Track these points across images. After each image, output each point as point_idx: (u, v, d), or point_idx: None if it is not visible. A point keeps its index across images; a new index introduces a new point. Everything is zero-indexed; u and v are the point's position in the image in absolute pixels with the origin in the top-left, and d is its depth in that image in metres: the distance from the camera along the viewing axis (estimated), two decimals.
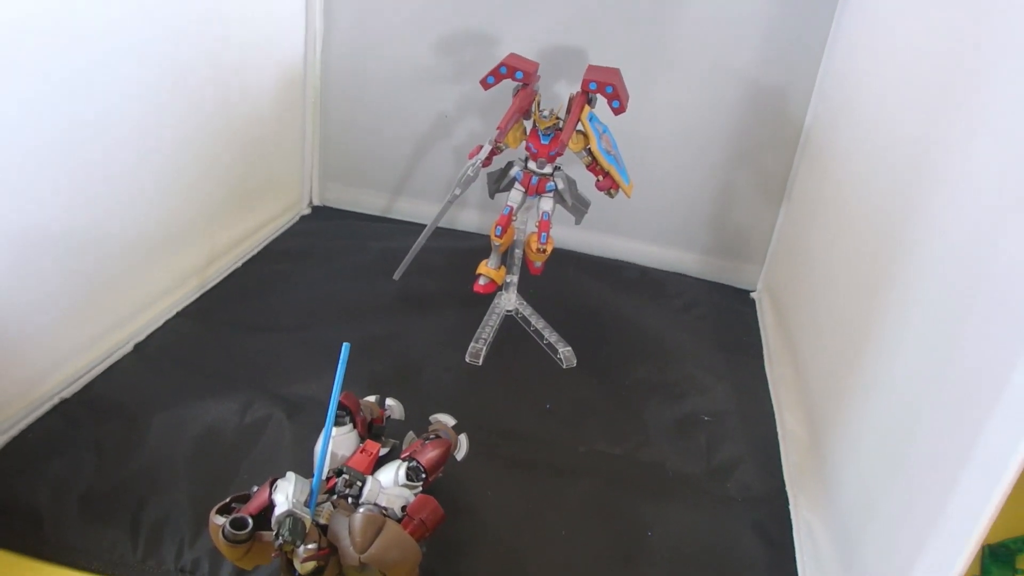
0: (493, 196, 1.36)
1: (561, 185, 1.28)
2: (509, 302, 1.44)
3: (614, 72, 1.23)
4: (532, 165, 1.27)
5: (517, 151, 1.29)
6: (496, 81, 1.23)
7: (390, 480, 0.88)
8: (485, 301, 1.43)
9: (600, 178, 1.28)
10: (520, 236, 1.36)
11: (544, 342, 1.40)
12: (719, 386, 1.37)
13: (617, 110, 1.22)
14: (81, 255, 1.13)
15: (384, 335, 1.37)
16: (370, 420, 0.98)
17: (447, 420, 1.02)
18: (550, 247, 1.31)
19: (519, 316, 1.44)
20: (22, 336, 1.05)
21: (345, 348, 0.80)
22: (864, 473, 0.94)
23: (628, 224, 1.75)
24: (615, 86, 1.20)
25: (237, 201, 1.55)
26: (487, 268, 1.36)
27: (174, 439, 1.06)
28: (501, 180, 1.32)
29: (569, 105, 1.24)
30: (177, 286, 1.38)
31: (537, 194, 1.29)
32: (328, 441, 0.81)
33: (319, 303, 1.45)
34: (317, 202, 1.89)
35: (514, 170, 1.30)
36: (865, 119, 1.23)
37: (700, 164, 1.67)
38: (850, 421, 1.03)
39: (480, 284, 1.36)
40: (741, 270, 1.75)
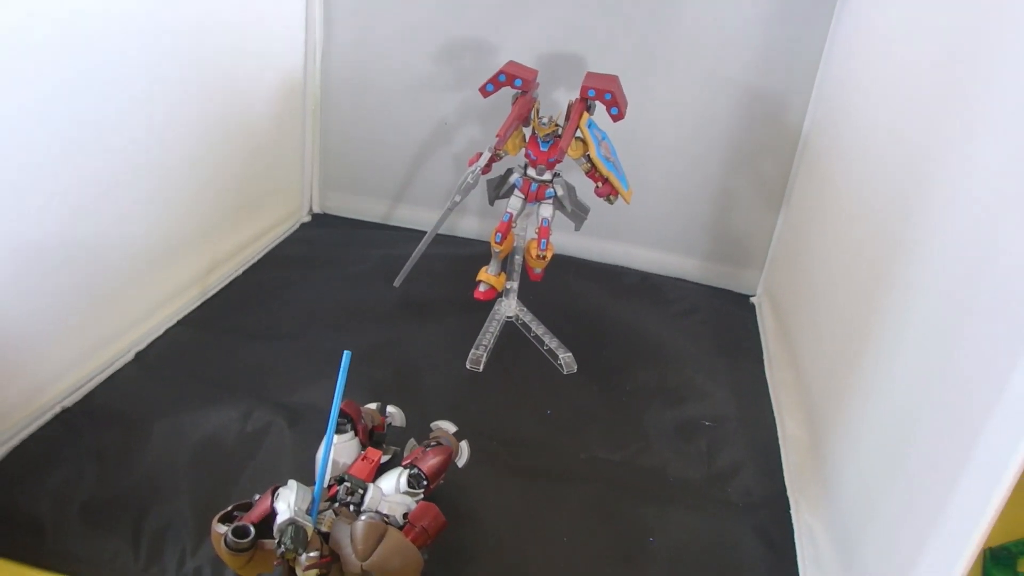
0: (493, 203, 1.36)
1: (560, 192, 1.29)
2: (509, 308, 1.45)
3: (612, 79, 1.24)
4: (531, 172, 1.28)
5: (516, 158, 1.30)
6: (495, 89, 1.24)
7: (392, 487, 0.88)
8: (485, 307, 1.43)
9: (599, 184, 1.28)
10: (520, 242, 1.36)
11: (544, 348, 1.40)
12: (719, 391, 1.37)
13: (616, 117, 1.23)
14: (82, 264, 1.13)
15: (385, 342, 1.38)
16: (371, 427, 0.98)
17: (448, 427, 1.03)
18: (550, 253, 1.31)
19: (519, 322, 1.45)
20: (23, 345, 1.05)
21: (346, 356, 0.80)
22: (865, 476, 0.94)
23: (628, 230, 1.75)
24: (614, 93, 1.20)
25: (238, 209, 1.55)
26: (487, 275, 1.36)
27: (175, 447, 1.07)
28: (501, 187, 1.33)
29: (568, 112, 1.24)
30: (178, 294, 1.39)
31: (537, 201, 1.30)
32: (330, 449, 0.81)
33: (320, 310, 1.45)
34: (317, 209, 1.90)
35: (514, 177, 1.30)
36: (863, 124, 1.24)
37: (699, 170, 1.67)
38: (850, 424, 1.03)
39: (480, 290, 1.36)
40: (741, 275, 1.75)
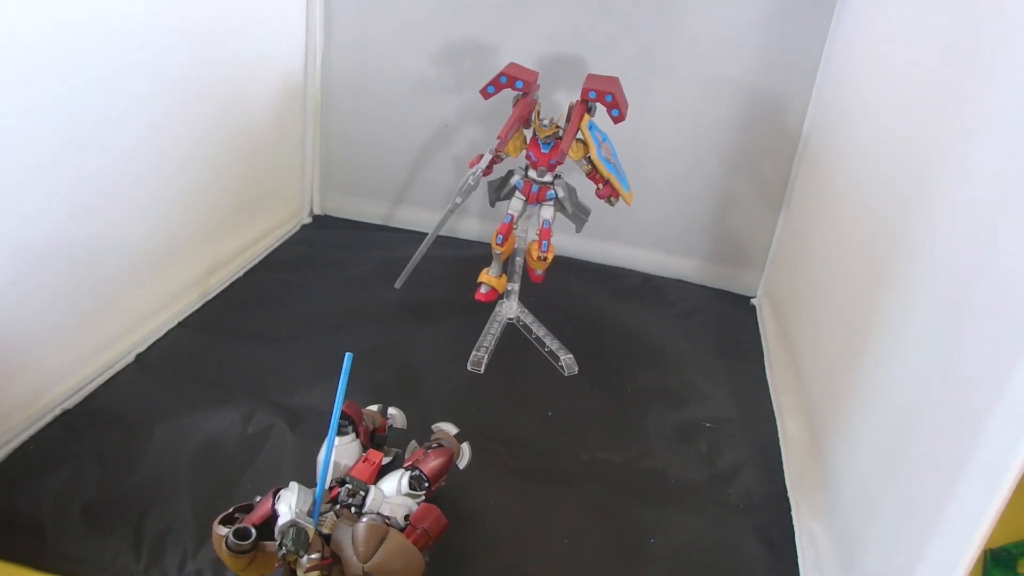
0: (494, 205, 1.36)
1: (561, 193, 1.29)
2: (510, 310, 1.45)
3: (613, 81, 1.24)
4: (532, 174, 1.28)
5: (517, 160, 1.30)
6: (496, 91, 1.24)
7: (393, 489, 0.88)
8: (486, 309, 1.43)
9: (600, 186, 1.28)
10: (521, 244, 1.37)
11: (545, 350, 1.40)
12: (720, 393, 1.37)
13: (616, 119, 1.23)
14: (82, 266, 1.13)
15: (386, 344, 1.38)
16: (372, 429, 0.98)
17: (449, 429, 1.03)
18: (551, 255, 1.31)
19: (520, 324, 1.45)
20: (24, 347, 1.05)
21: (348, 358, 0.80)
22: (865, 478, 0.94)
23: (628, 232, 1.75)
24: (614, 95, 1.20)
25: (238, 211, 1.55)
26: (488, 276, 1.36)
27: (176, 449, 1.07)
28: (502, 189, 1.33)
29: (569, 114, 1.24)
30: (179, 296, 1.39)
31: (538, 202, 1.30)
32: (331, 451, 0.81)
33: (321, 312, 1.45)
34: (318, 211, 1.90)
35: (514, 179, 1.31)
36: (863, 126, 1.24)
37: (699, 172, 1.67)
38: (851, 426, 1.03)
39: (481, 292, 1.36)
40: (741, 277, 1.75)
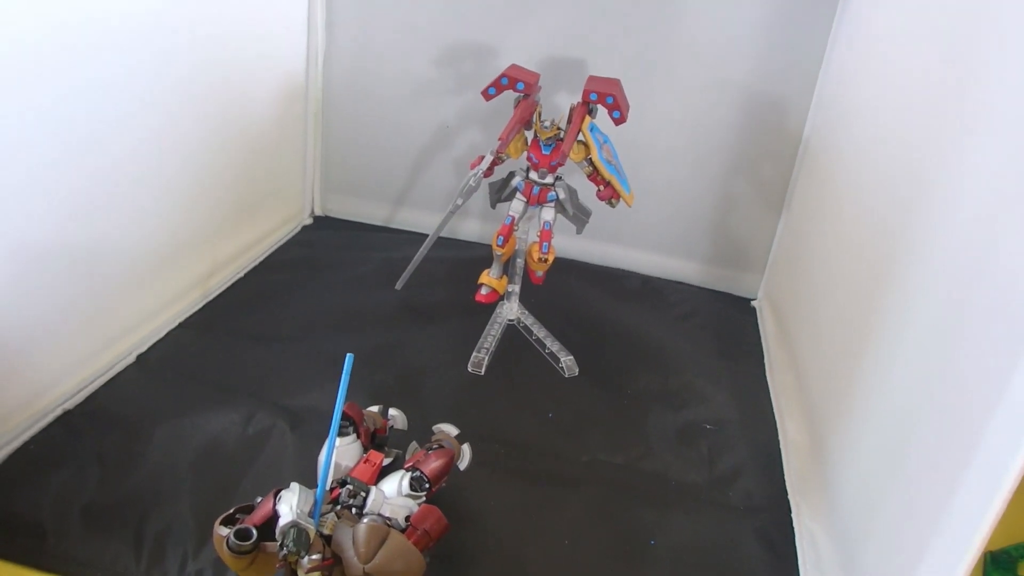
0: (495, 206, 1.37)
1: (562, 195, 1.29)
2: (511, 311, 1.45)
3: (614, 82, 1.24)
4: (533, 175, 1.28)
5: (518, 161, 1.30)
6: (497, 92, 1.24)
7: (394, 490, 0.88)
8: (487, 311, 1.43)
9: (601, 188, 1.28)
10: (522, 246, 1.37)
11: (546, 351, 1.40)
12: (720, 394, 1.37)
13: (618, 120, 1.23)
14: (83, 267, 1.13)
15: (386, 345, 1.38)
16: (373, 430, 0.98)
17: (450, 430, 1.03)
18: (551, 256, 1.31)
19: (521, 325, 1.45)
20: (24, 348, 1.06)
21: (349, 359, 0.80)
22: (866, 479, 0.94)
23: (629, 233, 1.75)
24: (615, 96, 1.20)
25: (239, 212, 1.55)
26: (489, 278, 1.36)
27: (177, 450, 1.07)
28: (502, 190, 1.33)
29: (570, 115, 1.24)
30: (179, 297, 1.39)
31: (538, 204, 1.30)
32: (332, 452, 0.81)
33: (321, 313, 1.45)
34: (319, 212, 1.90)
35: (515, 180, 1.31)
36: (863, 128, 1.24)
37: (700, 174, 1.67)
38: (851, 428, 1.03)
39: (482, 294, 1.36)
40: (742, 279, 1.75)
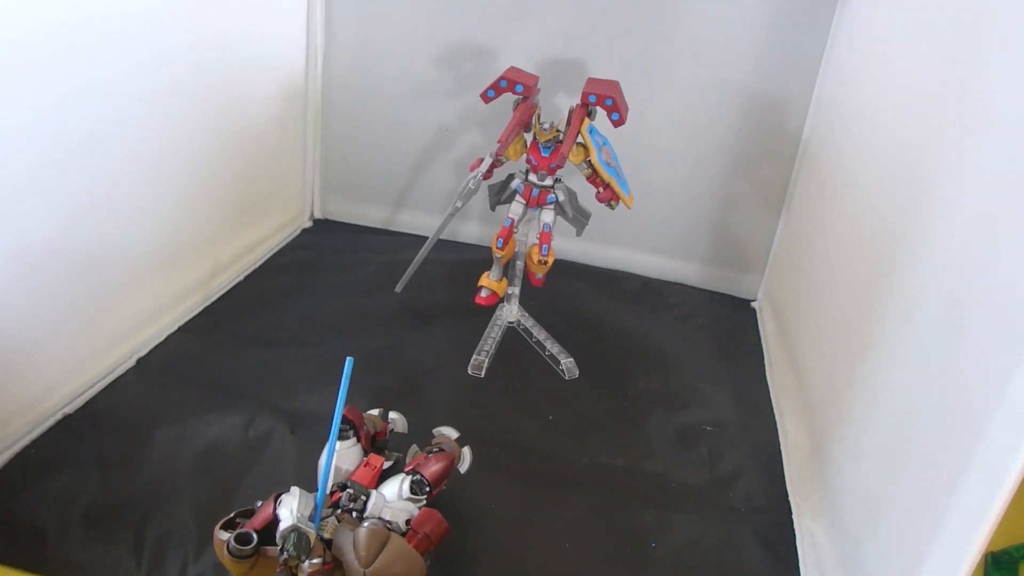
0: (494, 208, 1.36)
1: (562, 197, 1.29)
2: (511, 314, 1.45)
3: (613, 84, 1.24)
4: (533, 177, 1.28)
5: (518, 164, 1.30)
6: (496, 94, 1.24)
7: (394, 494, 0.88)
8: (487, 313, 1.43)
9: (600, 190, 1.28)
10: (521, 248, 1.37)
11: (546, 353, 1.40)
12: (721, 396, 1.37)
13: (617, 122, 1.23)
14: (83, 270, 1.13)
15: (386, 348, 1.38)
16: (373, 434, 0.98)
17: (450, 433, 1.03)
18: (551, 259, 1.31)
19: (521, 328, 1.45)
20: (25, 351, 1.06)
21: (349, 362, 0.80)
22: (866, 480, 0.94)
23: (629, 235, 1.75)
24: (615, 98, 1.20)
25: (239, 215, 1.55)
26: (489, 280, 1.36)
27: (177, 454, 1.07)
28: (502, 192, 1.33)
29: (569, 118, 1.24)
30: (179, 300, 1.39)
31: (538, 206, 1.30)
32: (332, 455, 0.81)
33: (321, 316, 1.45)
34: (319, 215, 1.90)
35: (515, 182, 1.31)
36: (863, 129, 1.24)
37: (700, 175, 1.67)
38: (852, 429, 1.03)
39: (482, 296, 1.36)
40: (741, 280, 1.75)
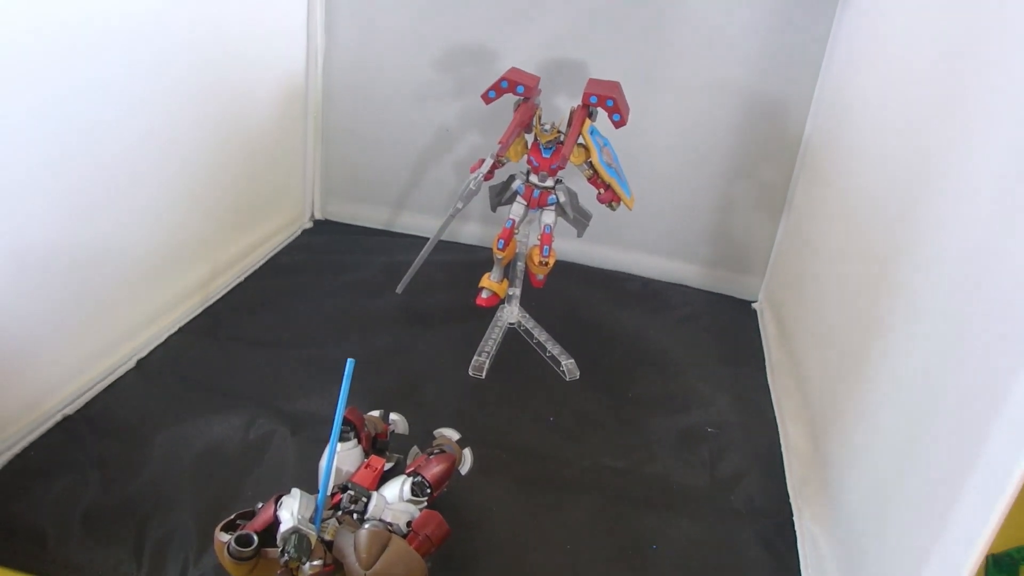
0: (495, 209, 1.36)
1: (563, 198, 1.29)
2: (512, 315, 1.45)
3: (615, 85, 1.24)
4: (534, 178, 1.28)
5: (519, 165, 1.30)
6: (497, 95, 1.24)
7: (395, 495, 0.88)
8: (488, 314, 1.43)
9: (601, 191, 1.28)
10: (522, 249, 1.36)
11: (547, 355, 1.40)
12: (722, 398, 1.36)
13: (618, 123, 1.23)
14: (83, 271, 1.13)
15: (387, 349, 1.37)
16: (374, 435, 0.98)
17: (451, 434, 1.03)
18: (552, 260, 1.31)
19: (522, 329, 1.44)
20: (24, 353, 1.05)
21: (350, 364, 0.80)
22: (868, 484, 0.94)
23: (629, 236, 1.75)
24: (616, 99, 1.20)
25: (239, 216, 1.55)
26: (489, 281, 1.36)
27: (177, 456, 1.06)
28: (503, 193, 1.33)
29: (570, 119, 1.24)
30: (179, 302, 1.38)
31: (539, 207, 1.30)
32: (333, 457, 0.81)
33: (322, 317, 1.45)
34: (319, 216, 1.90)
35: (516, 184, 1.30)
36: (864, 130, 1.24)
37: (701, 176, 1.67)
38: (853, 432, 1.03)
39: (483, 297, 1.36)
40: (742, 281, 1.75)
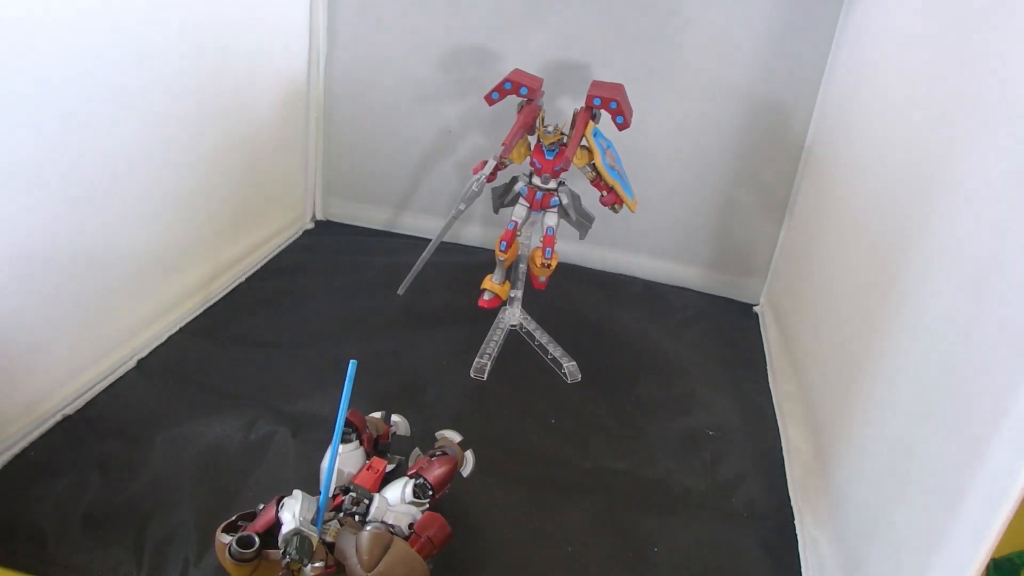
0: (497, 211, 1.36)
1: (565, 200, 1.29)
2: (513, 317, 1.44)
3: (618, 87, 1.24)
4: (536, 180, 1.28)
5: (521, 166, 1.30)
6: (500, 97, 1.24)
7: (397, 497, 0.87)
8: (489, 316, 1.43)
9: (604, 193, 1.28)
10: (524, 251, 1.36)
11: (548, 357, 1.40)
12: (723, 401, 1.36)
13: (621, 125, 1.23)
14: (84, 271, 1.13)
15: (388, 350, 1.37)
16: (376, 437, 0.98)
17: (453, 436, 1.02)
18: (554, 262, 1.31)
19: (523, 331, 1.44)
20: (25, 352, 1.05)
21: (352, 365, 0.80)
22: (870, 488, 0.94)
23: (632, 239, 1.75)
24: (619, 101, 1.20)
25: (240, 216, 1.55)
26: (491, 283, 1.36)
27: (178, 456, 1.06)
28: (505, 195, 1.33)
29: (573, 120, 1.24)
30: (180, 302, 1.38)
31: (541, 209, 1.30)
32: (335, 458, 0.81)
33: (323, 318, 1.45)
34: (320, 217, 1.89)
35: (518, 185, 1.30)
36: (867, 134, 1.24)
37: (703, 179, 1.67)
38: (855, 435, 1.02)
39: (484, 299, 1.36)
40: (744, 284, 1.75)
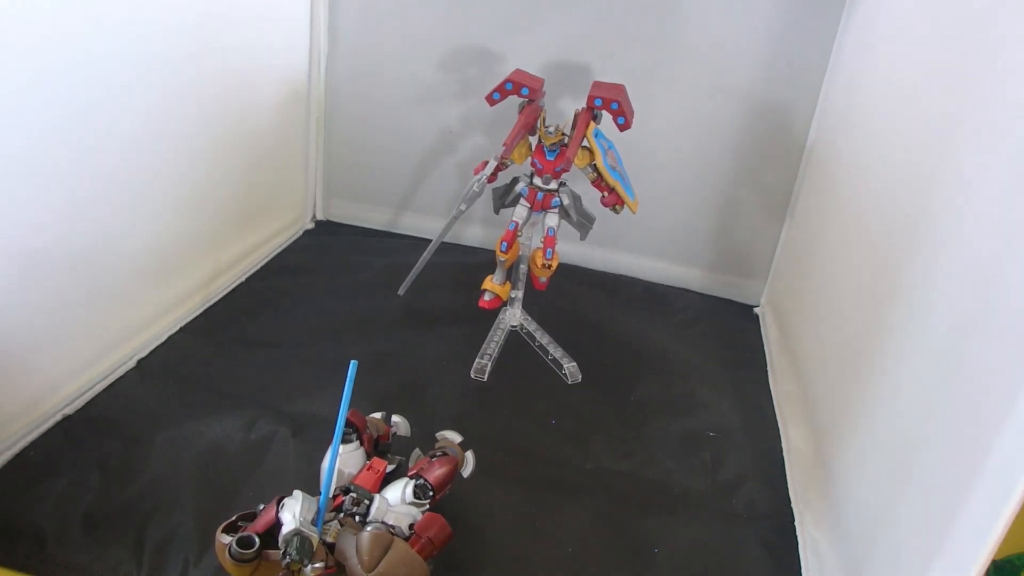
0: (498, 212, 1.36)
1: (566, 201, 1.28)
2: (514, 317, 1.44)
3: (619, 88, 1.24)
4: (537, 181, 1.28)
5: (522, 167, 1.30)
6: (502, 97, 1.24)
7: (397, 498, 0.87)
8: (490, 317, 1.43)
9: (605, 194, 1.28)
10: (525, 251, 1.36)
11: (549, 357, 1.40)
12: (723, 402, 1.36)
13: (622, 126, 1.23)
14: (84, 271, 1.13)
15: (389, 351, 1.37)
16: (376, 437, 0.97)
17: (453, 437, 1.02)
18: (555, 263, 1.31)
19: (524, 331, 1.44)
20: (24, 352, 1.05)
21: (352, 365, 0.80)
22: (870, 489, 0.94)
23: (633, 240, 1.75)
24: (620, 102, 1.20)
25: (241, 216, 1.55)
26: (492, 284, 1.36)
27: (178, 456, 1.06)
28: (506, 196, 1.33)
29: (574, 121, 1.24)
30: (180, 302, 1.38)
31: (542, 210, 1.30)
32: (335, 459, 0.80)
33: (323, 319, 1.45)
34: (321, 217, 1.89)
35: (519, 186, 1.30)
36: (868, 136, 1.23)
37: (704, 180, 1.67)
38: (855, 437, 1.02)
39: (485, 300, 1.36)
40: (745, 285, 1.75)
